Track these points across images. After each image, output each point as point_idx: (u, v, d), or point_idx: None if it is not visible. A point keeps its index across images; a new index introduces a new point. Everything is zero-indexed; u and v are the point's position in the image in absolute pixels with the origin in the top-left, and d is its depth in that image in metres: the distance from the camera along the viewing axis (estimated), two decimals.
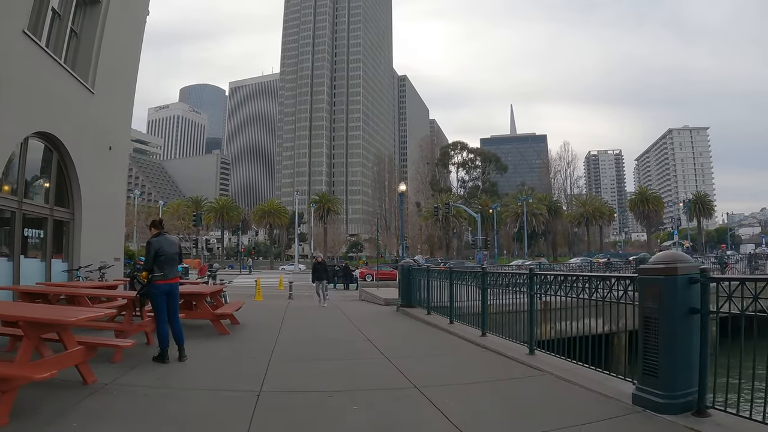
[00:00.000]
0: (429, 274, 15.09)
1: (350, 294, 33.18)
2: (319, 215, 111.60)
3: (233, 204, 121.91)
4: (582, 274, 8.28)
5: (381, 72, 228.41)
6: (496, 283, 10.43)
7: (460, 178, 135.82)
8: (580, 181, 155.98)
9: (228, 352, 9.89)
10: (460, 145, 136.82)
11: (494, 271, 11.18)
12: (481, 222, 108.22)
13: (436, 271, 14.97)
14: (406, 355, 9.62)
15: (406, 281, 17.12)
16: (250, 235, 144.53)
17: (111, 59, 17.82)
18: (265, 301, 23.72)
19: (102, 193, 17.74)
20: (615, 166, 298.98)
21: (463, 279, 12.39)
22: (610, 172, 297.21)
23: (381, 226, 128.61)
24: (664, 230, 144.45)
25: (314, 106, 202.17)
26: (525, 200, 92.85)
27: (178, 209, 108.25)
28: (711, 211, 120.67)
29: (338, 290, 39.20)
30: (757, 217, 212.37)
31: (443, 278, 13.62)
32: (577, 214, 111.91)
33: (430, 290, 14.76)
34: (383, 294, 22.17)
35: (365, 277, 51.45)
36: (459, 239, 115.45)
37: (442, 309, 13.70)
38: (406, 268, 17.49)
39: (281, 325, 14.21)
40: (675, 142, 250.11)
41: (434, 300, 14.46)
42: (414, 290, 16.70)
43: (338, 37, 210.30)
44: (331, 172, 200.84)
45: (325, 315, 17.43)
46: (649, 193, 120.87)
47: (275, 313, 17.16)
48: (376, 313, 17.77)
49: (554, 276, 8.54)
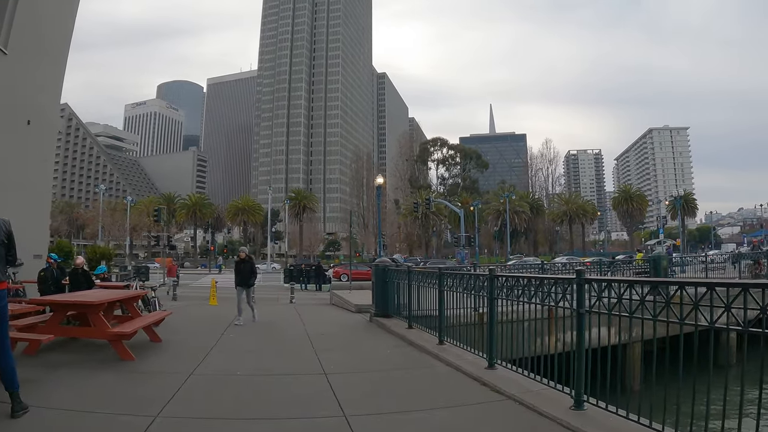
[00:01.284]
0: (411, 276, 11.88)
1: (321, 296, 29.87)
2: (294, 212, 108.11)
3: (206, 201, 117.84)
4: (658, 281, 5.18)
5: (360, 69, 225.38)
6: (511, 292, 7.25)
7: (440, 175, 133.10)
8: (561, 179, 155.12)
9: (106, 394, 6.63)
10: (440, 142, 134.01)
11: (508, 275, 8.05)
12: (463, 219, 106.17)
13: (421, 272, 11.67)
14: (378, 410, 6.26)
15: (382, 285, 13.94)
16: (225, 233, 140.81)
17: (33, 18, 14.86)
18: (218, 307, 20.45)
19: (13, 177, 14.58)
20: (594, 165, 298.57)
21: (459, 284, 9.21)
22: (589, 172, 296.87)
23: (359, 224, 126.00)
24: (645, 229, 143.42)
25: (292, 102, 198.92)
26: (508, 197, 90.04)
27: (149, 206, 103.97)
28: (695, 209, 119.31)
29: (309, 291, 35.99)
30: (735, 216, 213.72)
31: (430, 282, 10.46)
32: (560, 212, 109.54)
33: (412, 297, 11.65)
34: (355, 298, 19.03)
35: (340, 276, 48.26)
36: (439, 238, 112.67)
37: (428, 321, 10.63)
38: (381, 269, 14.29)
39: (215, 344, 11.02)
40: (655, 141, 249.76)
41: (417, 309, 11.38)
42: (391, 296, 13.51)
43: (317, 33, 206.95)
44: (308, 170, 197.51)
45: (280, 329, 14.18)
46: (632, 191, 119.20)
47: (218, 325, 13.95)
48: (345, 325, 14.66)
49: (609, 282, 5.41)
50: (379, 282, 14.03)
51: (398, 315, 12.92)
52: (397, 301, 13.01)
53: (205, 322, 14.89)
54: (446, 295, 9.43)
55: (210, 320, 15.46)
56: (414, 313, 11.53)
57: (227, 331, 13.12)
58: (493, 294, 7.44)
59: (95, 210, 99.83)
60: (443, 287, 9.54)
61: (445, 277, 9.68)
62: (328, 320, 15.56)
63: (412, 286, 11.57)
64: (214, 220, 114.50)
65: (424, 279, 11.01)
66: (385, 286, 13.76)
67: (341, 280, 47.25)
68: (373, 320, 13.79)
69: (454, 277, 9.56)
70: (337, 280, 46.70)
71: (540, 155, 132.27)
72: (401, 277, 12.56)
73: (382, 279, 13.86)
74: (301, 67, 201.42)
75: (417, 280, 11.39)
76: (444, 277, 9.68)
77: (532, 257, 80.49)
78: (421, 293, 11.12)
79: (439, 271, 10.03)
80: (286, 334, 13.12)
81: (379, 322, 13.23)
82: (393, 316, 13.31)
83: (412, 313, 11.58)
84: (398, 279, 12.86)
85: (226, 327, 13.69)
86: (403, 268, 13.02)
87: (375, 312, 14.01)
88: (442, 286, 9.57)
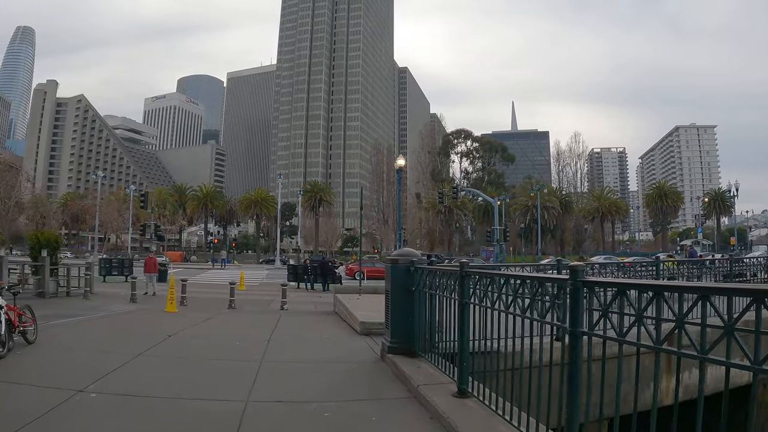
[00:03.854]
0: (469, 283, 5.79)
1: (327, 299, 23.80)
2: (310, 206, 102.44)
3: (218, 192, 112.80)
4: None
5: (381, 63, 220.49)
6: None
7: (464, 168, 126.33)
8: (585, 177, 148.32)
9: None
10: (464, 134, 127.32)
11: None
12: (486, 215, 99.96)
13: (498, 277, 5.40)
14: None
15: (403, 297, 7.91)
16: (242, 227, 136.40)
17: None
18: (170, 316, 14.72)
19: None
20: (618, 164, 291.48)
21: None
22: (613, 171, 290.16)
23: (378, 219, 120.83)
24: (673, 229, 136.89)
25: (311, 95, 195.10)
26: (539, 190, 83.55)
27: (159, 197, 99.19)
28: (730, 208, 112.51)
29: (317, 291, 30.15)
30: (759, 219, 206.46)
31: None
32: (592, 208, 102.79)
33: (468, 324, 5.71)
34: (364, 308, 13.20)
35: (355, 274, 42.43)
36: (461, 234, 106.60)
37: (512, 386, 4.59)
38: (402, 269, 8.02)
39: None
40: (682, 139, 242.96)
41: (482, 347, 5.47)
42: (421, 318, 7.52)
43: (337, 25, 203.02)
44: (327, 164, 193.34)
45: (197, 386, 7.76)
46: (667, 187, 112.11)
47: (125, 352, 8.23)
48: (335, 371, 8.23)
49: None
50: (398, 291, 8.02)
51: (432, 353, 7.15)
52: (433, 327, 7.15)
53: (121, 338, 9.21)
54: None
55: (134, 338, 9.73)
56: (475, 359, 5.60)
57: (126, 367, 7.32)
58: None
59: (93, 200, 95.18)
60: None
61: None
62: (311, 353, 9.44)
63: (474, 307, 5.65)
64: (227, 213, 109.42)
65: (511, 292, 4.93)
66: (408, 299, 7.81)
67: (355, 278, 41.54)
68: (387, 360, 7.96)
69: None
70: (351, 278, 41.03)
71: (568, 149, 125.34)
72: (444, 284, 6.62)
73: (403, 286, 7.88)
74: (321, 59, 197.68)
75: (490, 292, 5.36)
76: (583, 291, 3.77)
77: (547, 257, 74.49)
78: (495, 321, 5.15)
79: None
80: (194, 404, 6.75)
81: (396, 367, 7.42)
82: (421, 354, 7.52)
83: (465, 359, 5.63)
84: (438, 289, 6.85)
85: (146, 352, 7.81)
86: (451, 269, 6.56)
87: (391, 343, 8.07)
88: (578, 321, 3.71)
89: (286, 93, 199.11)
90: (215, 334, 11.23)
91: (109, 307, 16.56)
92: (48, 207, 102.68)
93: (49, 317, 13.04)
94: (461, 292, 5.76)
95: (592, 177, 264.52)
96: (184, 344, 9.71)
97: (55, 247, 20.80)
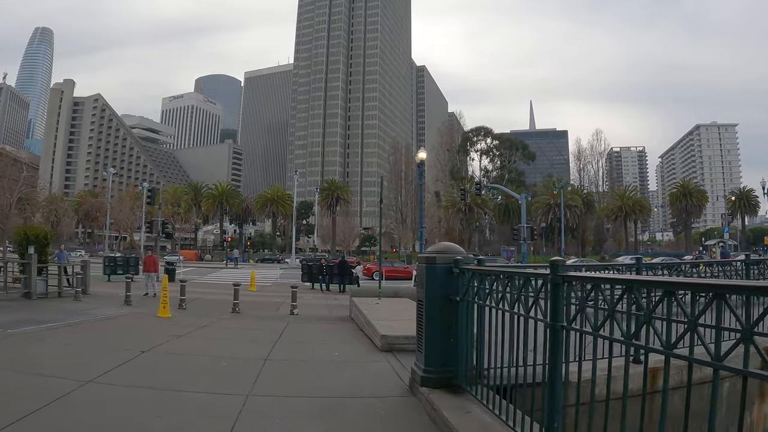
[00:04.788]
0: (593, 293, 3.64)
1: (342, 302, 21.77)
2: (327, 204, 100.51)
3: (234, 190, 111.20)
4: None
5: (399, 61, 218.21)
6: None
7: (483, 166, 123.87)
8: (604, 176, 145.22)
9: None
10: (483, 131, 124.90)
11: None
12: (507, 214, 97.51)
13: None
14: None
15: (443, 309, 5.75)
16: (258, 226, 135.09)
17: None
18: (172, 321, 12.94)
19: None
20: (638, 163, 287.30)
21: None
22: (632, 170, 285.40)
23: (396, 219, 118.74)
24: (695, 229, 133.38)
25: (329, 93, 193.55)
26: (562, 188, 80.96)
27: (174, 195, 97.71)
28: (756, 207, 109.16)
29: (332, 293, 28.09)
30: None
31: None
32: (615, 207, 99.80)
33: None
34: (384, 315, 11.14)
35: (372, 274, 40.53)
36: (480, 233, 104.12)
37: None
38: (441, 272, 5.82)
39: None
40: (702, 138, 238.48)
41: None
42: (468, 339, 5.39)
43: (354, 23, 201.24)
44: (345, 163, 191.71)
45: (189, 414, 5.94)
46: (691, 186, 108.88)
47: (71, 378, 6.31)
48: (350, 406, 6.06)
49: None
50: (435, 301, 5.86)
51: (481, 386, 5.11)
52: (487, 354, 5.04)
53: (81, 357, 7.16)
54: None
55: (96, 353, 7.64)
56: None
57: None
58: None
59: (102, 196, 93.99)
60: None
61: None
62: (317, 381, 7.06)
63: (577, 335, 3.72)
64: (243, 212, 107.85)
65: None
66: (449, 312, 5.69)
67: (374, 278, 39.62)
68: (420, 395, 5.82)
69: None
70: (369, 278, 39.08)
71: (590, 147, 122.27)
72: (514, 296, 4.69)
73: (443, 294, 5.72)
74: (338, 58, 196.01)
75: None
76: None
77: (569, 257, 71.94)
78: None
79: None
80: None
81: (434, 410, 5.27)
82: (467, 389, 5.40)
83: (557, 417, 3.56)
84: (501, 303, 4.82)
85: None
86: (518, 271, 4.92)
87: (425, 371, 5.89)
88: None
89: (304, 92, 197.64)
90: (202, 349, 9.19)
91: (96, 311, 14.65)
92: (59, 205, 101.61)
93: (14, 323, 11.16)
94: (555, 310, 3.65)
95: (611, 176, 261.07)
96: (155, 365, 7.68)
97: (45, 243, 18.93)
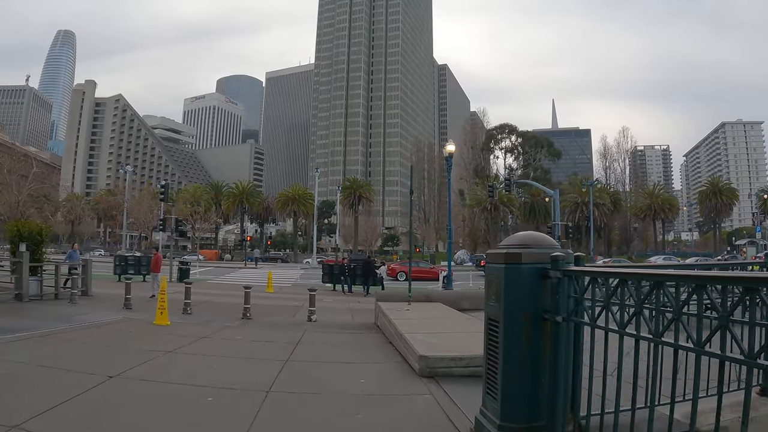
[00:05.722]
0: None
1: (367, 306, 19.76)
2: (349, 203, 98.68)
3: (254, 189, 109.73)
4: None
5: (420, 60, 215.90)
6: None
7: (508, 165, 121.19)
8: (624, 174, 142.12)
9: None
10: (508, 128, 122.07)
11: None
12: (533, 212, 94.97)
13: None
14: None
15: (531, 332, 3.77)
16: (279, 225, 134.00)
17: None
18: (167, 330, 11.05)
19: None
20: (662, 162, 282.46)
21: None
22: (656, 169, 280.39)
23: (419, 218, 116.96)
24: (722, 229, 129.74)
25: (350, 92, 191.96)
26: (591, 185, 78.43)
27: (194, 194, 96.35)
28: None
29: (356, 295, 26.10)
30: None
31: None
32: (644, 206, 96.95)
33: None
34: (419, 330, 9.07)
35: (397, 275, 38.57)
36: (505, 233, 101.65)
37: None
38: (528, 276, 3.93)
39: None
40: (728, 136, 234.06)
41: None
42: (576, 380, 3.56)
43: (375, 22, 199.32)
44: (367, 162, 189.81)
45: None
46: (721, 184, 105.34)
47: None
48: None
49: None
50: (517, 320, 3.85)
51: None
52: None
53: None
54: None
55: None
56: None
57: None
58: None
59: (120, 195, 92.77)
60: None
61: None
62: (333, 426, 5.31)
63: None
64: (264, 211, 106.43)
65: None
66: (541, 337, 3.77)
67: (398, 279, 37.67)
68: None
69: None
70: (393, 279, 37.15)
71: (616, 145, 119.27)
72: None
73: (531, 310, 3.75)
74: (359, 57, 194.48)
75: None
76: None
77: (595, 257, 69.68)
78: None
79: None
80: None
81: None
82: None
83: None
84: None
85: None
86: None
87: (502, 427, 3.85)
88: None
89: (325, 91, 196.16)
90: (189, 374, 7.20)
91: (86, 317, 12.85)
92: (75, 203, 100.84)
93: None
94: None
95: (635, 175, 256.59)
96: (113, 401, 5.68)
97: (39, 240, 17.17)
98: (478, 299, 16.36)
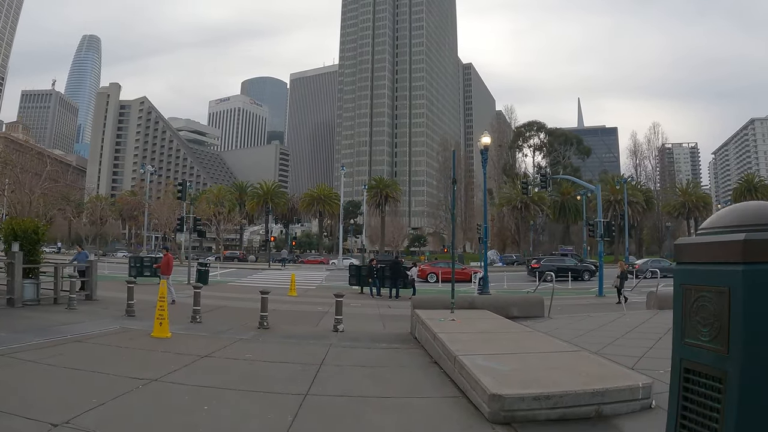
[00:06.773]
0: None
1: (397, 311, 17.69)
2: (376, 202, 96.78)
3: (279, 190, 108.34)
4: None
5: (445, 59, 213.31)
6: None
7: (537, 163, 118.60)
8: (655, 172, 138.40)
9: None
10: (536, 126, 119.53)
11: None
12: (563, 211, 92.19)
13: None
14: None
15: None
16: (305, 226, 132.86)
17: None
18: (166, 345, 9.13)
19: None
20: (690, 159, 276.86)
21: None
22: (685, 167, 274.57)
23: (447, 219, 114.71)
24: None
25: (375, 92, 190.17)
26: (625, 182, 75.63)
27: (218, 195, 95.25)
28: None
29: (382, 299, 24.08)
30: None
31: None
32: (677, 204, 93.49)
33: None
34: (480, 354, 7.05)
35: (427, 276, 36.44)
36: (536, 232, 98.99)
37: None
38: None
39: None
40: (758, 132, 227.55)
41: None
42: None
43: (399, 21, 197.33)
44: (393, 162, 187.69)
45: None
46: (757, 180, 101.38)
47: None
48: None
49: None
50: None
51: None
52: None
53: None
54: None
55: None
56: None
57: None
58: None
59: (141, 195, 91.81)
60: None
61: None
62: None
63: None
64: (289, 212, 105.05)
65: None
66: None
67: (428, 281, 35.55)
68: None
69: None
70: (423, 281, 34.97)
71: (646, 141, 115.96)
72: None
73: None
74: (383, 56, 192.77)
75: None
76: None
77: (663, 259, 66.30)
78: None
79: None
80: None
81: None
82: None
83: None
84: None
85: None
86: None
87: None
88: None
89: (350, 92, 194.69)
90: (164, 419, 5.24)
91: (76, 327, 11.05)
92: (96, 204, 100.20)
93: None
94: None
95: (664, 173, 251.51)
96: None
97: (35, 239, 15.43)
98: (529, 306, 14.22)
